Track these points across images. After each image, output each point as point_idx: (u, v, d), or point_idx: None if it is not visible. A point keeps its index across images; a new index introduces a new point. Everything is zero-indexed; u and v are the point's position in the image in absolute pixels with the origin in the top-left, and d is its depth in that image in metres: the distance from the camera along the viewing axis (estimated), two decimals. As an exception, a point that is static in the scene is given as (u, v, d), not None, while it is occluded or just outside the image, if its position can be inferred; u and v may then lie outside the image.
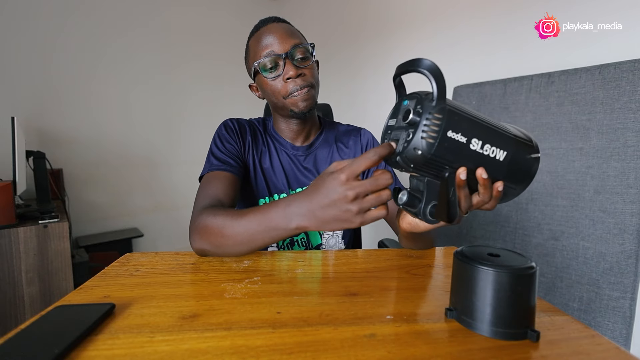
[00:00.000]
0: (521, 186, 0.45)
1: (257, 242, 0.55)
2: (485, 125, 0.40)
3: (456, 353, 0.34)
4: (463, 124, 0.39)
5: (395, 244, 1.02)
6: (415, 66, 0.39)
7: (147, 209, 2.54)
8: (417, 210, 0.45)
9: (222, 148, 0.76)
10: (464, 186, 0.41)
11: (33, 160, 1.63)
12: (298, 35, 0.75)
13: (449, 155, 0.39)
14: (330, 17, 2.54)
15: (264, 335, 0.36)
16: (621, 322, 0.94)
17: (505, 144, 0.41)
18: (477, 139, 0.39)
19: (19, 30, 2.00)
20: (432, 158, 0.38)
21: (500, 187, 0.42)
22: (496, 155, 0.41)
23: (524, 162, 0.43)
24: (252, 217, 0.55)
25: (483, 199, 0.43)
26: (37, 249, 1.39)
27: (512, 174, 0.43)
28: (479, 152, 0.40)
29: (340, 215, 0.47)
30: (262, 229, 0.54)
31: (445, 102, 0.38)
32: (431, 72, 0.38)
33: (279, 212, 0.52)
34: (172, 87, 2.59)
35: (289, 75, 0.71)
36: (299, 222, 0.50)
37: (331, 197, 0.46)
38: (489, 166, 0.41)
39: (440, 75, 0.38)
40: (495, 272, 0.35)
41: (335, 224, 0.48)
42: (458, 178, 0.40)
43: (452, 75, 1.67)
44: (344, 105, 2.36)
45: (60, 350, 0.32)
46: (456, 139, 0.38)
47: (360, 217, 0.46)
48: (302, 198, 0.50)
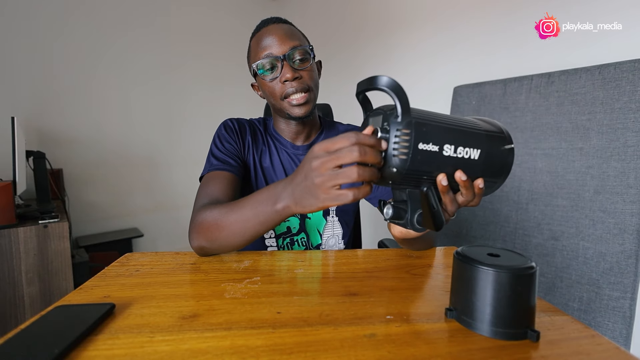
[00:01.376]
0: (501, 178, 0.45)
1: (250, 230, 0.55)
2: (454, 128, 0.40)
3: (456, 353, 0.34)
4: (432, 133, 0.38)
5: (396, 244, 1.02)
6: (374, 84, 0.39)
7: (147, 209, 2.54)
8: (404, 221, 0.44)
9: (222, 148, 0.76)
10: (448, 191, 0.42)
11: (33, 160, 1.63)
12: (298, 37, 0.75)
13: (424, 167, 0.39)
14: (330, 17, 2.54)
15: (264, 335, 0.36)
16: (621, 322, 0.94)
17: (478, 142, 0.41)
18: (449, 144, 0.39)
19: (19, 31, 2.00)
20: (408, 173, 0.38)
21: (481, 185, 0.42)
22: (471, 155, 0.41)
23: (499, 155, 0.43)
24: (244, 203, 0.55)
25: (467, 198, 0.44)
26: (37, 249, 1.39)
27: (490, 169, 0.43)
28: (453, 157, 0.40)
29: (308, 189, 0.44)
30: (252, 214, 0.54)
31: (410, 115, 0.38)
32: (391, 88, 0.37)
33: (264, 194, 0.53)
34: (172, 87, 2.59)
35: (286, 77, 0.71)
36: (284, 203, 0.50)
37: (302, 170, 0.45)
38: (466, 167, 0.41)
39: (400, 89, 0.37)
40: (495, 272, 0.35)
41: (306, 201, 0.45)
42: (440, 185, 0.40)
43: (452, 75, 1.67)
44: (344, 105, 2.35)
45: (60, 350, 0.32)
46: (428, 149, 0.38)
47: (323, 193, 0.42)
48: (286, 179, 0.50)
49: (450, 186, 0.41)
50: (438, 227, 0.41)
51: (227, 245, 0.58)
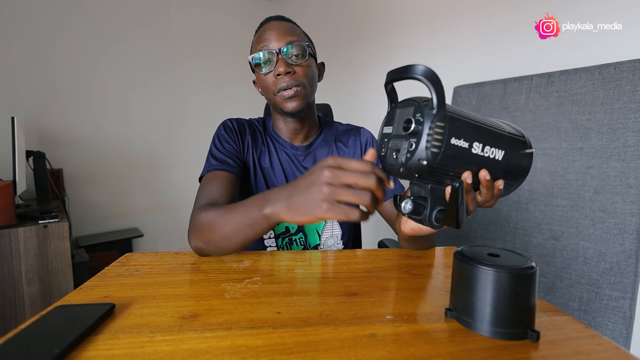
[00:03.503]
0: (518, 182, 0.46)
1: (240, 234, 0.54)
2: (483, 127, 0.40)
3: (456, 353, 0.34)
4: (464, 129, 0.38)
5: (395, 244, 1.02)
6: (410, 73, 0.37)
7: (147, 209, 2.54)
8: (422, 217, 0.43)
9: (221, 148, 0.76)
10: (471, 190, 0.42)
11: (33, 160, 1.63)
12: (297, 34, 0.75)
13: (453, 162, 0.38)
14: (330, 17, 2.54)
15: (264, 335, 0.36)
16: (621, 322, 0.94)
17: (502, 143, 0.42)
18: (478, 142, 0.39)
19: (19, 31, 2.00)
20: (437, 167, 0.38)
21: (501, 186, 0.43)
22: (495, 156, 0.41)
23: (519, 158, 0.44)
24: (237, 206, 0.55)
25: (485, 198, 0.44)
26: (37, 249, 1.39)
27: (510, 171, 0.44)
28: (480, 155, 0.40)
29: (310, 198, 0.43)
30: (242, 219, 0.54)
31: (445, 109, 0.37)
32: (428, 78, 0.36)
33: (256, 200, 0.53)
34: (172, 87, 2.59)
35: (279, 71, 0.71)
36: (272, 208, 0.49)
37: (310, 178, 0.44)
38: (490, 167, 0.41)
39: (438, 80, 0.37)
40: (495, 272, 0.35)
41: (303, 209, 0.44)
42: (465, 182, 0.40)
43: (452, 75, 1.67)
44: (344, 105, 2.35)
45: (60, 350, 0.32)
46: (459, 145, 0.38)
47: (326, 205, 0.42)
48: (285, 186, 0.49)
49: (472, 185, 0.42)
50: (460, 223, 0.40)
51: (221, 247, 0.58)
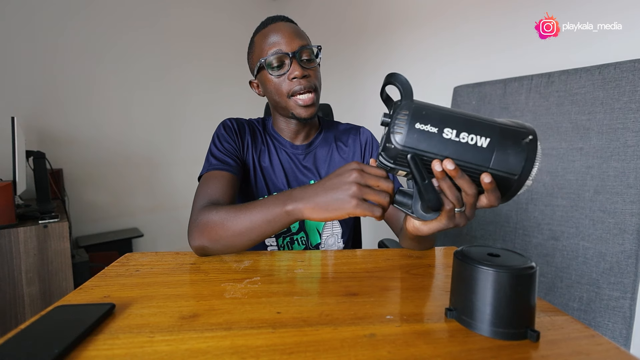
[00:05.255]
0: (519, 174, 0.42)
1: (255, 232, 0.56)
2: (458, 116, 0.42)
3: (456, 353, 0.34)
4: (431, 116, 0.42)
5: (395, 244, 1.02)
6: (386, 80, 0.46)
7: (147, 209, 2.54)
8: (410, 208, 0.47)
9: (221, 147, 0.76)
10: (444, 178, 0.43)
11: (33, 160, 1.62)
12: (305, 37, 0.76)
13: (422, 145, 0.42)
14: (330, 17, 2.54)
15: (264, 335, 0.36)
16: (621, 322, 0.94)
17: (486, 131, 0.42)
18: (450, 129, 0.41)
19: (19, 31, 2.00)
20: (404, 149, 0.42)
21: (487, 179, 0.41)
22: (477, 142, 0.41)
23: (514, 147, 0.42)
24: (254, 204, 0.57)
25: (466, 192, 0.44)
26: (37, 249, 1.39)
27: (503, 160, 0.42)
28: (455, 140, 0.41)
29: (341, 195, 0.48)
30: (261, 215, 0.55)
31: (412, 101, 0.43)
32: (397, 80, 0.44)
33: (277, 197, 0.54)
34: (172, 87, 2.59)
35: (295, 74, 0.71)
36: (295, 205, 0.51)
37: (338, 178, 0.49)
38: (471, 153, 0.42)
39: (404, 80, 0.44)
40: (495, 272, 0.35)
41: (332, 204, 0.48)
42: (434, 171, 0.42)
43: (452, 75, 1.67)
44: (344, 105, 2.36)
45: (60, 350, 0.32)
46: (425, 129, 0.42)
47: (356, 201, 0.47)
48: (310, 185, 0.52)
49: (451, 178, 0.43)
50: (432, 203, 0.43)
51: (230, 245, 0.58)
